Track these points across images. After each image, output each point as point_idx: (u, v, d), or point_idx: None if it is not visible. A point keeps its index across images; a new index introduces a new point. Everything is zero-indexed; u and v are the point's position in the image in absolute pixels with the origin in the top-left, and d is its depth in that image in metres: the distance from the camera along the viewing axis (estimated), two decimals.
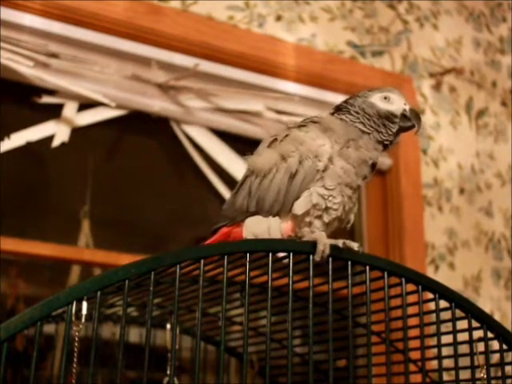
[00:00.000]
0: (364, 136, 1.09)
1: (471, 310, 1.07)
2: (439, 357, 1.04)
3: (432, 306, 1.06)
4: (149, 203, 2.05)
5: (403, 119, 1.11)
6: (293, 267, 0.97)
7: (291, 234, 1.06)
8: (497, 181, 2.50)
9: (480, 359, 1.06)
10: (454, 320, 1.06)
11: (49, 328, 1.46)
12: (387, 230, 2.27)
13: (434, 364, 1.07)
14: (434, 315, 1.05)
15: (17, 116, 1.91)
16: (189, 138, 2.05)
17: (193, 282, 1.13)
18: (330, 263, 0.99)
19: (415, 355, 1.12)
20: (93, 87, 1.88)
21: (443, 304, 1.06)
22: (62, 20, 1.89)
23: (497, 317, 2.26)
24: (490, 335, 1.08)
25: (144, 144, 2.11)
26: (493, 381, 1.06)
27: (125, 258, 1.71)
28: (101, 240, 1.94)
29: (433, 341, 1.07)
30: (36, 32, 1.85)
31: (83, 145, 1.97)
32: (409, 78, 2.40)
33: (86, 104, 1.92)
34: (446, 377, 1.12)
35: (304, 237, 1.02)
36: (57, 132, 1.88)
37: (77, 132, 1.92)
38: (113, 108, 1.92)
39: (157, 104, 1.98)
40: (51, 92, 1.88)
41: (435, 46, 2.52)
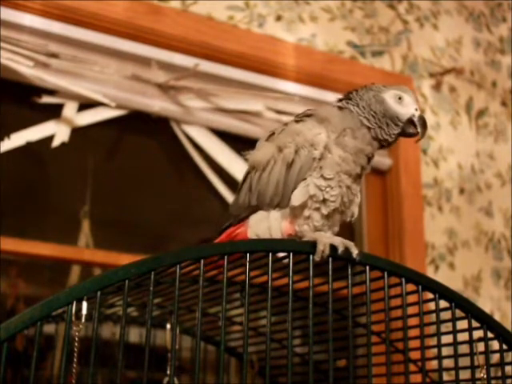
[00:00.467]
0: (363, 128, 1.08)
1: (471, 310, 1.07)
2: (439, 357, 1.04)
3: (432, 306, 1.06)
4: (149, 203, 2.05)
5: (408, 124, 1.10)
6: (293, 267, 0.97)
7: (291, 233, 1.05)
8: (497, 181, 2.50)
9: (480, 359, 1.06)
10: (454, 320, 1.06)
11: (49, 328, 1.46)
12: (387, 230, 2.27)
13: (434, 364, 1.07)
14: (434, 315, 1.05)
15: (17, 116, 1.91)
16: (189, 138, 2.05)
17: (193, 282, 1.13)
18: (330, 263, 0.99)
19: (415, 355, 1.12)
20: (93, 87, 1.88)
21: (443, 304, 1.06)
22: (62, 20, 1.89)
23: (497, 317, 2.26)
24: (490, 335, 1.08)
25: (144, 144, 2.11)
26: (493, 381, 1.06)
27: (125, 258, 1.71)
28: (101, 240, 1.94)
29: (433, 341, 1.07)
30: (36, 32, 1.85)
31: (83, 145, 1.97)
32: (409, 78, 2.40)
33: (86, 104, 1.92)
34: (446, 377, 1.12)
35: (304, 237, 1.02)
36: (57, 132, 1.88)
37: (77, 132, 1.92)
38: (113, 108, 1.91)
39: (157, 104, 1.98)
40: (51, 92, 1.88)
41: (435, 46, 2.52)
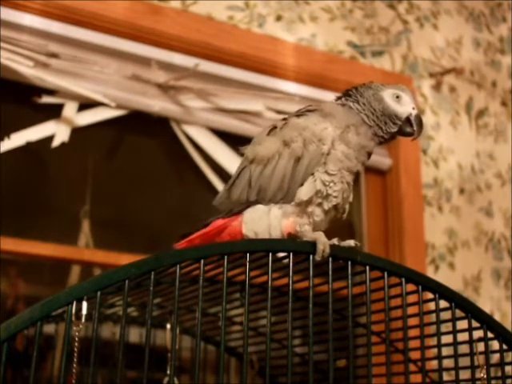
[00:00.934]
0: (364, 125, 1.09)
1: (471, 310, 1.07)
2: (439, 357, 1.03)
3: (432, 306, 1.06)
4: (149, 203, 2.05)
5: (405, 123, 1.11)
6: (293, 267, 0.97)
7: (291, 232, 1.05)
8: (497, 181, 2.50)
9: (480, 359, 1.06)
10: (454, 320, 1.06)
11: (49, 328, 1.46)
12: (387, 230, 2.27)
13: (434, 364, 1.07)
14: (434, 315, 1.05)
15: (17, 116, 1.91)
16: (189, 138, 2.05)
17: (193, 282, 1.13)
18: (330, 263, 0.99)
19: (415, 355, 1.12)
20: (93, 87, 1.88)
21: (443, 304, 1.06)
22: (62, 20, 1.89)
23: (497, 317, 2.26)
24: (490, 335, 1.08)
25: (144, 144, 2.11)
26: (493, 381, 1.06)
27: (125, 258, 1.71)
28: (101, 240, 1.94)
29: (433, 341, 1.07)
30: (36, 32, 1.85)
31: (83, 145, 1.97)
32: (409, 78, 2.40)
33: (86, 104, 1.92)
34: (446, 377, 1.12)
35: (304, 236, 1.02)
36: (57, 132, 1.88)
37: (77, 132, 1.92)
38: (113, 108, 1.91)
39: (157, 104, 1.98)
40: (51, 92, 1.88)
41: (435, 46, 2.52)
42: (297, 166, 1.05)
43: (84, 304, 0.84)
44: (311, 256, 0.98)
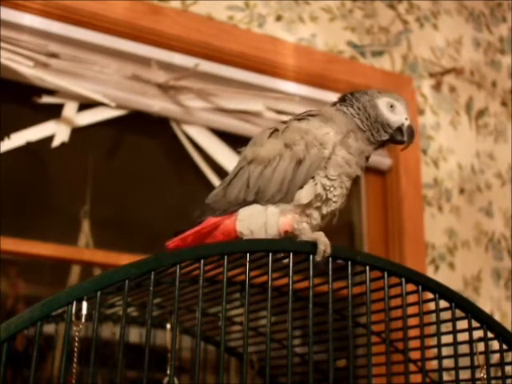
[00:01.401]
0: (360, 131, 1.10)
1: (471, 310, 1.07)
2: (439, 357, 1.03)
3: (432, 306, 1.06)
4: (149, 203, 2.05)
5: (397, 132, 1.12)
6: (293, 267, 0.96)
7: (288, 230, 1.04)
8: (497, 181, 2.50)
9: (480, 359, 1.06)
10: (454, 320, 1.06)
11: (49, 328, 1.46)
12: (387, 230, 2.27)
13: (434, 364, 1.07)
14: (434, 315, 1.05)
15: (17, 116, 1.91)
16: (189, 138, 2.05)
17: (193, 282, 1.13)
18: (330, 263, 0.99)
19: (415, 355, 1.12)
20: (93, 87, 1.88)
21: (443, 304, 1.06)
22: (62, 20, 1.89)
23: (497, 317, 2.26)
24: (490, 335, 1.08)
25: (144, 144, 2.11)
26: (493, 381, 1.06)
27: (125, 258, 1.71)
28: (101, 240, 1.94)
29: (433, 341, 1.07)
30: (36, 32, 1.85)
31: (83, 145, 1.97)
32: (409, 78, 2.40)
33: (86, 104, 1.92)
34: (446, 377, 1.12)
35: (303, 235, 1.02)
36: (57, 132, 1.88)
37: (77, 132, 1.92)
38: (113, 108, 1.91)
39: (157, 104, 1.98)
40: (51, 92, 1.88)
41: (435, 46, 2.52)
42: (298, 169, 1.05)
43: (84, 304, 0.84)
44: (311, 256, 0.98)
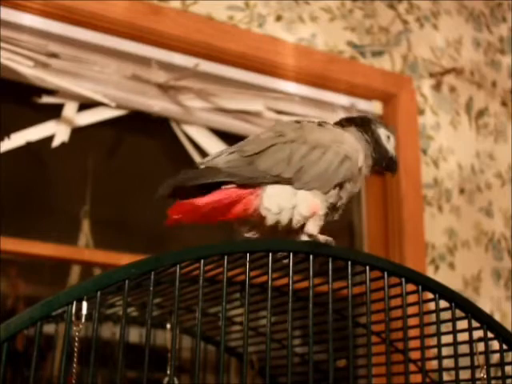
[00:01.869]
0: (369, 157, 1.13)
1: (471, 310, 1.07)
2: (439, 357, 1.03)
3: (432, 306, 1.06)
4: (149, 203, 2.05)
5: (390, 161, 1.15)
6: (293, 267, 0.97)
7: (315, 212, 1.03)
8: (497, 181, 2.50)
9: (480, 359, 1.06)
10: (454, 320, 1.06)
11: (49, 328, 1.46)
12: (387, 230, 2.27)
13: (434, 364, 1.07)
14: (434, 315, 1.05)
15: (17, 116, 1.91)
16: (189, 138, 2.05)
17: (193, 282, 1.13)
18: (330, 263, 0.99)
19: (415, 355, 1.12)
20: (93, 87, 1.88)
21: (443, 304, 1.06)
22: (62, 20, 1.88)
23: (497, 317, 2.26)
24: (490, 335, 1.08)
25: (144, 144, 2.11)
26: (493, 381, 1.06)
27: (125, 258, 1.71)
28: (101, 240, 1.94)
29: (433, 341, 1.07)
30: (36, 32, 1.85)
31: (83, 145, 1.97)
32: (409, 78, 2.40)
33: (86, 104, 1.92)
34: (446, 377, 1.12)
35: (316, 233, 1.02)
36: (57, 132, 1.88)
37: (77, 132, 1.92)
38: (113, 108, 1.92)
39: (157, 104, 1.98)
40: (51, 92, 1.88)
41: (435, 46, 2.52)
42: (340, 166, 1.05)
43: (84, 304, 0.84)
44: (311, 256, 0.98)
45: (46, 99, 1.87)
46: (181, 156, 2.06)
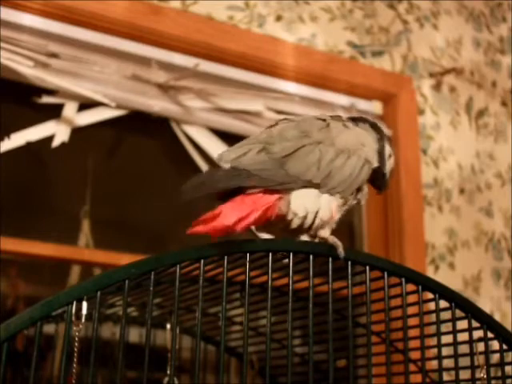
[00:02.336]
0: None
1: (471, 310, 1.07)
2: (439, 357, 1.03)
3: (432, 306, 1.06)
4: (149, 203, 2.05)
5: (382, 177, 1.13)
6: (293, 267, 0.97)
7: (334, 216, 1.01)
8: (497, 181, 2.50)
9: (480, 359, 1.06)
10: (454, 320, 1.06)
11: (49, 328, 1.46)
12: (387, 230, 2.27)
13: (434, 364, 1.07)
14: (434, 315, 1.05)
15: (17, 116, 1.91)
16: (189, 138, 2.05)
17: (193, 282, 1.13)
18: (330, 263, 0.99)
19: (415, 355, 1.12)
20: (93, 87, 1.88)
21: (443, 304, 1.06)
22: (62, 20, 1.88)
23: (497, 317, 2.26)
24: (490, 335, 1.08)
25: (144, 144, 2.11)
26: (493, 381, 1.06)
27: (125, 258, 1.71)
28: (101, 240, 1.94)
29: (433, 341, 1.07)
30: (36, 32, 1.85)
31: (83, 145, 1.97)
32: (409, 78, 2.40)
33: (86, 104, 1.92)
34: (446, 377, 1.12)
35: (327, 234, 1.02)
36: (57, 132, 1.88)
37: (77, 132, 1.92)
38: (113, 108, 1.92)
39: (157, 104, 1.98)
40: (51, 92, 1.88)
41: (435, 46, 2.52)
42: (361, 170, 1.04)
43: (84, 304, 0.84)
44: (311, 256, 0.98)
45: (46, 99, 1.87)
46: (181, 156, 2.06)
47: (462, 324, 1.07)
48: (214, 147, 2.07)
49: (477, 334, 1.07)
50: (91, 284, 0.85)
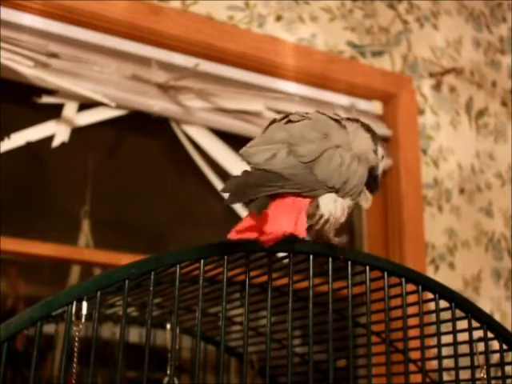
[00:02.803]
0: None
1: (471, 310, 1.07)
2: (439, 357, 1.03)
3: (432, 306, 1.06)
4: (149, 203, 2.05)
5: (374, 180, 1.10)
6: (293, 267, 0.96)
7: (342, 218, 1.02)
8: (497, 181, 2.50)
9: (480, 359, 1.06)
10: (454, 320, 1.06)
11: (49, 328, 1.46)
12: (387, 230, 2.27)
13: (434, 364, 1.07)
14: (434, 315, 1.05)
15: (17, 116, 1.91)
16: (189, 138, 2.05)
17: (193, 282, 1.13)
18: (330, 263, 0.99)
19: (415, 355, 1.12)
20: (93, 87, 1.88)
21: (443, 304, 1.06)
22: (62, 20, 1.89)
23: (497, 317, 2.26)
24: (490, 335, 1.08)
25: (144, 144, 2.11)
26: (493, 381, 1.06)
27: (125, 258, 1.71)
28: (101, 240, 1.94)
29: (433, 341, 1.07)
30: (36, 32, 1.85)
31: (83, 145, 1.97)
32: (409, 78, 2.40)
33: (86, 104, 1.92)
34: (446, 377, 1.12)
35: (331, 239, 1.02)
36: (57, 132, 1.88)
37: (77, 132, 1.92)
38: (113, 108, 1.91)
39: (157, 104, 1.98)
40: (51, 92, 1.88)
41: (435, 46, 2.52)
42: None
43: (84, 304, 0.84)
44: (311, 256, 0.98)
45: (46, 99, 1.87)
46: (181, 156, 2.06)
47: (462, 324, 1.07)
48: (214, 147, 2.07)
49: (477, 334, 1.07)
50: (91, 284, 0.85)
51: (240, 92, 2.09)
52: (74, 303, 0.83)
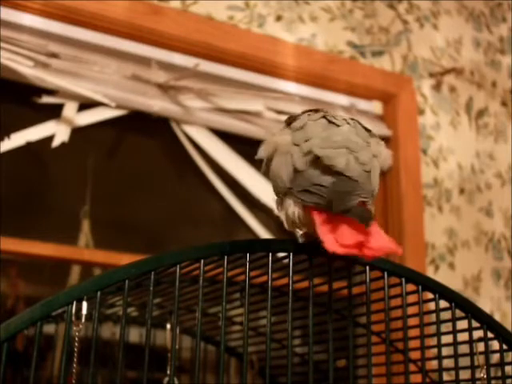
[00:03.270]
0: None
1: (471, 310, 1.07)
2: (439, 357, 1.03)
3: (432, 306, 1.06)
4: (149, 203, 2.05)
5: None
6: (293, 267, 0.97)
7: None
8: (497, 181, 2.50)
9: (480, 359, 1.06)
10: (454, 320, 1.06)
11: (49, 328, 1.46)
12: (387, 230, 2.26)
13: (434, 364, 1.07)
14: (434, 315, 1.05)
15: (17, 116, 1.91)
16: (189, 138, 2.05)
17: (193, 282, 1.13)
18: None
19: (415, 355, 1.12)
20: (93, 87, 1.88)
21: (443, 304, 1.06)
22: (62, 20, 1.89)
23: (497, 317, 2.26)
24: (490, 335, 1.08)
25: (144, 144, 2.11)
26: (493, 381, 1.06)
27: (125, 258, 1.71)
28: (101, 240, 1.94)
29: (433, 341, 1.07)
30: (36, 32, 1.85)
31: (83, 145, 1.97)
32: (409, 78, 2.40)
33: (86, 104, 1.92)
34: (446, 377, 1.12)
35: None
36: (57, 132, 1.88)
37: (77, 132, 1.92)
38: (113, 108, 1.91)
39: (157, 104, 1.98)
40: (51, 92, 1.88)
41: (435, 46, 2.52)
42: None
43: (84, 304, 0.84)
44: (311, 256, 0.98)
45: (46, 99, 1.87)
46: (181, 156, 2.06)
47: (462, 324, 1.07)
48: (214, 147, 2.07)
49: (477, 334, 1.07)
50: (91, 284, 0.85)
51: (240, 92, 2.09)
52: (74, 303, 0.83)
